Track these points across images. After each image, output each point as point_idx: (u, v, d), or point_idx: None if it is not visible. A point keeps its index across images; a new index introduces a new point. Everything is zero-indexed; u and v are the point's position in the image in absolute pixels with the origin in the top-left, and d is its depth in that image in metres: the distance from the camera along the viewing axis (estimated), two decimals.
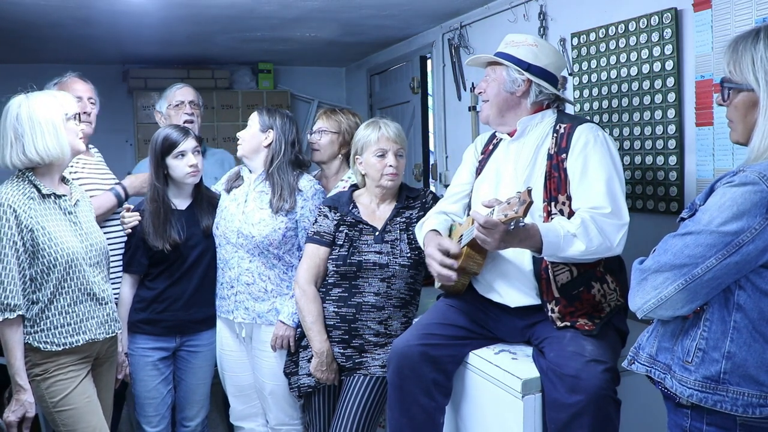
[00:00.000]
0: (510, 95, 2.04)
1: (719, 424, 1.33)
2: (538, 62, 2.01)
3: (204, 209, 2.55)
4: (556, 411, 1.73)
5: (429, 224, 2.13)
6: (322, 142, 2.70)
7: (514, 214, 1.63)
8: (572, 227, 1.78)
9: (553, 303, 1.90)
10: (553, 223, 1.82)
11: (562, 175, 1.92)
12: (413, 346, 1.98)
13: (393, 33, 4.19)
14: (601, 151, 1.90)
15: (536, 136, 2.02)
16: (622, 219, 1.84)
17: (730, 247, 1.28)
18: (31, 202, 1.99)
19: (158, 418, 2.55)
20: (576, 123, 1.98)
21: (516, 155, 2.04)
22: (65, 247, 2.01)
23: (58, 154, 2.02)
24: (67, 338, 2.02)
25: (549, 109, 2.06)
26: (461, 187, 2.22)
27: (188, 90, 3.13)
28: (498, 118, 2.08)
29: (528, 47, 2.03)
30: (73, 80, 2.62)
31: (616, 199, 1.85)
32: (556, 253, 1.78)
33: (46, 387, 2.00)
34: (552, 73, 2.04)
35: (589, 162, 1.89)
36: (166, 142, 2.45)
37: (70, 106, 2.09)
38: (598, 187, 1.86)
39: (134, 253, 2.48)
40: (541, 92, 2.02)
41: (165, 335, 2.50)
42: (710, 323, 1.34)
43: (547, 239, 1.74)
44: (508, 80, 2.03)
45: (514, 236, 1.71)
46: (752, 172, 1.28)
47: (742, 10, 2.06)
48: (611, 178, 1.87)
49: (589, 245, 1.78)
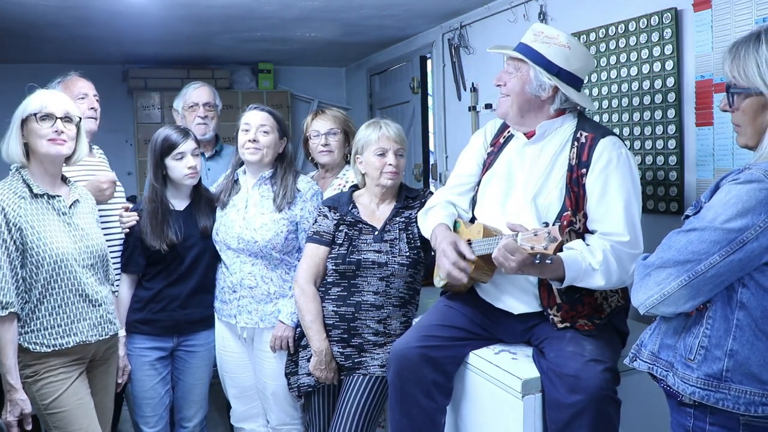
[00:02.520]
0: (534, 97, 1.94)
1: (722, 424, 1.33)
2: (568, 66, 1.90)
3: (202, 210, 2.54)
4: (556, 411, 1.73)
5: (437, 215, 2.09)
6: (335, 143, 2.70)
7: (543, 250, 1.60)
8: (594, 262, 1.75)
9: (554, 309, 1.90)
10: (575, 253, 1.78)
11: (581, 191, 1.87)
12: (413, 348, 1.97)
13: (393, 33, 4.19)
14: (623, 171, 1.84)
15: (555, 142, 1.94)
16: (638, 248, 1.81)
17: (734, 244, 1.28)
18: (22, 201, 1.98)
19: (156, 418, 2.54)
20: (599, 134, 1.90)
21: (532, 160, 1.97)
22: (54, 247, 1.99)
23: (18, 157, 2.00)
24: (57, 339, 2.00)
25: (569, 114, 1.98)
26: (468, 179, 2.15)
27: (203, 90, 3.11)
28: (518, 117, 1.99)
29: (560, 48, 1.90)
30: (77, 78, 2.62)
31: (634, 226, 1.82)
32: (573, 284, 1.77)
33: (36, 389, 1.99)
34: (580, 78, 1.95)
35: (609, 183, 1.84)
36: (165, 143, 2.45)
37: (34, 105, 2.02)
38: (617, 212, 1.81)
39: (132, 253, 2.48)
40: (567, 100, 1.94)
41: (162, 335, 2.50)
42: (713, 321, 1.34)
43: (570, 274, 1.73)
44: (535, 82, 1.92)
45: (535, 267, 1.69)
46: (758, 169, 1.28)
47: (742, 10, 2.05)
48: (630, 202, 1.83)
49: (608, 281, 1.77)
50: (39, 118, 2.01)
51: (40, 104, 2.03)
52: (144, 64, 4.98)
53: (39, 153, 2.03)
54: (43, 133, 2.01)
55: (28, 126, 2.01)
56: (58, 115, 2.03)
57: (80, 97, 2.56)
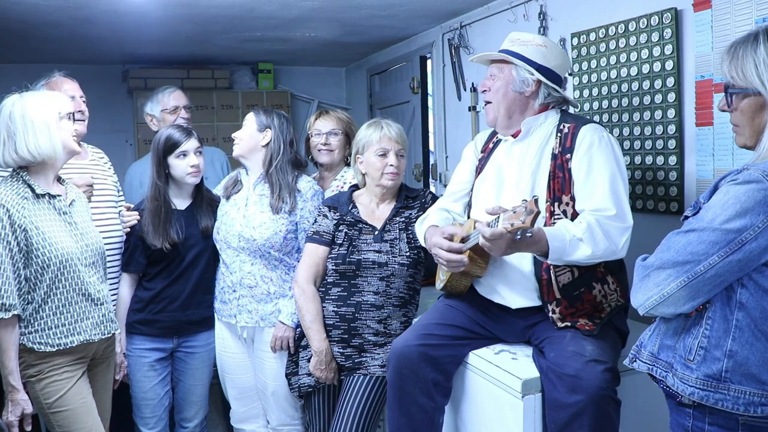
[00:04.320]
0: (518, 95, 2.00)
1: (721, 424, 1.33)
2: (546, 63, 1.98)
3: (204, 210, 2.55)
4: (556, 411, 1.73)
5: (430, 220, 2.12)
6: (336, 143, 2.70)
7: (521, 224, 1.62)
8: (578, 231, 1.77)
9: (554, 304, 1.90)
10: (559, 227, 1.81)
11: (566, 175, 1.91)
12: (412, 347, 1.97)
13: (393, 33, 4.19)
14: (606, 152, 1.89)
15: (540, 136, 2.00)
16: (626, 222, 1.83)
17: (733, 245, 1.28)
18: (25, 201, 1.98)
19: (155, 419, 2.54)
20: (580, 123, 1.97)
21: (520, 157, 2.01)
22: (59, 247, 1.99)
23: (50, 153, 2.01)
24: (62, 339, 2.01)
25: (552, 109, 2.04)
26: (461, 186, 2.20)
27: (180, 94, 3.16)
28: (506, 120, 2.03)
29: (537, 47, 1.99)
30: (62, 80, 2.57)
31: (620, 201, 1.84)
32: (562, 257, 1.77)
33: (40, 388, 1.99)
34: (559, 75, 2.02)
35: (593, 163, 1.88)
36: (168, 141, 2.46)
37: (63, 105, 2.08)
38: (602, 189, 1.85)
39: (132, 252, 2.48)
40: (550, 94, 2.00)
41: (162, 336, 2.50)
42: (712, 321, 1.34)
43: (553, 244, 1.74)
44: (518, 80, 1.98)
45: (520, 243, 1.70)
46: (756, 170, 1.28)
47: (742, 10, 2.05)
48: (615, 179, 1.86)
49: (595, 249, 1.77)
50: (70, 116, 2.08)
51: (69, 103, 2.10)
52: (144, 64, 4.97)
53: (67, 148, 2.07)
54: (69, 131, 2.07)
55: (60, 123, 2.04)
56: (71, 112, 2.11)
57: None
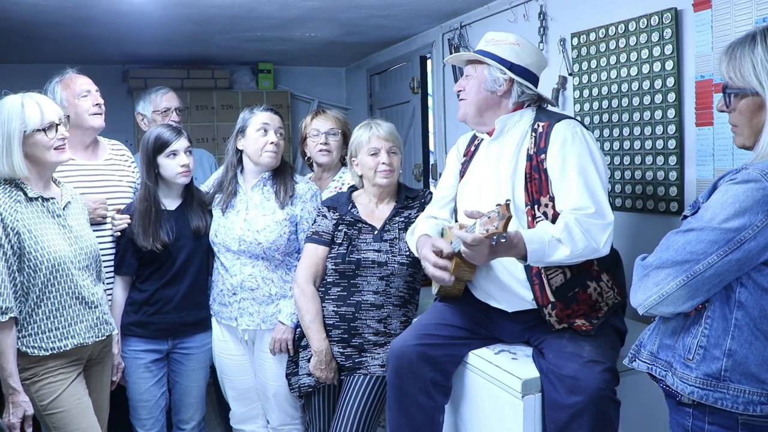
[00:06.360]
0: (490, 94, 2.00)
1: (721, 423, 1.33)
2: (520, 62, 1.97)
3: (194, 210, 2.52)
4: (555, 411, 1.73)
5: (420, 230, 2.11)
6: (335, 143, 2.70)
7: (495, 229, 1.60)
8: (556, 232, 1.74)
9: (549, 307, 1.88)
10: (537, 229, 1.79)
11: (543, 176, 1.88)
12: (411, 346, 1.97)
13: (393, 33, 4.18)
14: (580, 148, 1.86)
15: (516, 135, 1.98)
16: (605, 218, 1.80)
17: (732, 244, 1.28)
18: (18, 205, 1.97)
19: (152, 420, 2.53)
20: (554, 120, 1.93)
21: (497, 156, 2.00)
22: (51, 250, 1.99)
23: (8, 174, 1.97)
24: (55, 342, 2.01)
25: (528, 108, 2.02)
26: (446, 191, 2.19)
27: (173, 96, 3.16)
28: (476, 117, 2.03)
29: (510, 46, 1.98)
30: (76, 76, 2.58)
31: (597, 198, 1.81)
32: (542, 259, 1.74)
33: (35, 391, 1.99)
34: (534, 73, 2.01)
35: (567, 160, 1.85)
36: (158, 140, 2.44)
37: (34, 119, 1.97)
38: (578, 187, 1.81)
39: (124, 254, 2.47)
40: (524, 92, 1.99)
41: (157, 338, 2.49)
42: (711, 320, 1.34)
43: (531, 247, 1.71)
44: (490, 79, 1.98)
45: (498, 249, 1.68)
46: (755, 169, 1.28)
47: (742, 10, 2.05)
48: (591, 176, 1.83)
49: (574, 249, 1.74)
50: (46, 130, 1.99)
51: (39, 116, 1.99)
52: (144, 64, 4.97)
53: (46, 162, 2.02)
54: (50, 144, 2.00)
55: (32, 139, 1.98)
56: (56, 121, 2.03)
57: (83, 95, 2.52)
